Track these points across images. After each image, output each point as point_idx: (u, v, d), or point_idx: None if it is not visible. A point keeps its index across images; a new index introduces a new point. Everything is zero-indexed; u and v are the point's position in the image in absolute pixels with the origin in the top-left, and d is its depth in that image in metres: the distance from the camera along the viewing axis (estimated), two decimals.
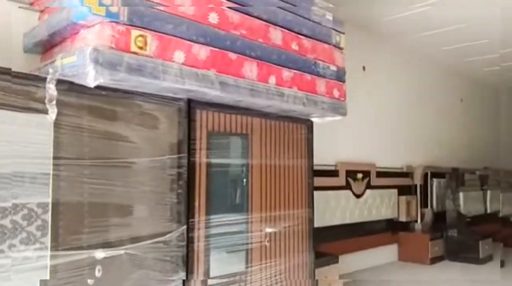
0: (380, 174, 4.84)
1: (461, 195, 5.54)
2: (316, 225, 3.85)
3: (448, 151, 6.33)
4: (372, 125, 4.92)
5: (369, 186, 4.64)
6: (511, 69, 6.33)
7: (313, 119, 3.04)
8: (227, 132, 2.51)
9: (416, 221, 5.37)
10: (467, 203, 5.66)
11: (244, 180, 2.62)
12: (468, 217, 5.50)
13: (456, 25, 4.57)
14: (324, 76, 2.76)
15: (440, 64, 6.11)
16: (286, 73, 2.50)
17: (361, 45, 4.75)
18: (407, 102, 5.56)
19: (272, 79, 2.41)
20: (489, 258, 5.04)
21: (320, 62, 2.72)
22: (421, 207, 5.43)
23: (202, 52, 2.04)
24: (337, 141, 4.41)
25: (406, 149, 5.49)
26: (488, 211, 6.27)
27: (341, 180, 4.28)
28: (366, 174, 4.62)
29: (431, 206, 5.55)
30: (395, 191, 5.03)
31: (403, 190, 5.20)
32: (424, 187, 5.55)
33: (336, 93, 2.85)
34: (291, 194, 3.00)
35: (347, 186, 4.35)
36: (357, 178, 4.47)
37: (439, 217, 5.52)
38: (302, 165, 3.07)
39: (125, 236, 2.00)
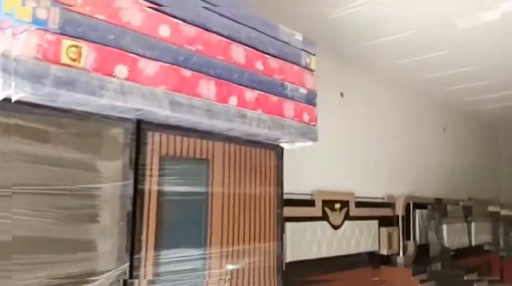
0: (359, 204, 4.62)
1: (444, 227, 5.33)
2: (290, 259, 3.60)
3: (430, 181, 6.17)
4: (351, 153, 4.75)
5: (347, 217, 4.41)
6: (492, 101, 6.29)
7: (282, 144, 2.84)
8: (184, 157, 2.28)
9: (398, 254, 5.13)
10: (451, 235, 5.45)
11: (203, 210, 2.37)
12: (452, 250, 5.28)
13: (439, 52, 4.49)
14: (292, 99, 2.57)
15: (422, 92, 6.03)
16: (250, 94, 2.30)
17: (338, 70, 4.64)
18: (387, 130, 5.42)
19: (233, 100, 2.21)
20: None
21: (288, 83, 2.54)
22: (403, 239, 5.20)
23: (149, 67, 1.83)
24: (313, 169, 4.21)
25: (387, 178, 5.31)
26: (473, 243, 6.06)
27: (317, 210, 4.04)
28: (345, 203, 4.40)
29: (414, 238, 5.31)
30: (375, 222, 4.80)
31: (384, 221, 4.97)
32: (407, 218, 5.34)
33: (306, 117, 2.66)
34: (257, 225, 2.75)
35: (324, 217, 4.11)
36: (335, 208, 4.24)
37: (422, 250, 5.29)
38: (270, 194, 2.84)
39: (52, 275, 1.72)
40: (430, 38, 4.18)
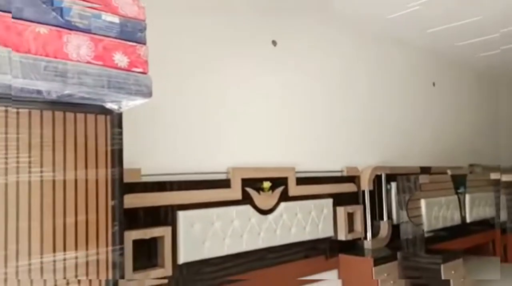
0: (304, 181, 3.68)
1: (422, 202, 4.34)
2: (186, 259, 2.76)
3: (415, 147, 5.13)
4: (293, 117, 3.78)
5: (285, 198, 3.49)
6: (490, 45, 5.11)
7: (109, 105, 1.93)
8: None
9: (366, 238, 4.19)
10: (433, 211, 4.47)
11: None
12: (435, 230, 4.31)
13: None
14: (85, 31, 1.64)
15: (391, 35, 4.91)
16: None
17: (272, 13, 3.63)
18: (351, 85, 4.39)
19: None
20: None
21: (72, 6, 1.61)
22: (372, 219, 4.26)
23: None
24: (234, 141, 3.29)
25: (349, 146, 4.32)
26: (468, 219, 5.03)
27: (234, 192, 3.14)
28: (280, 181, 3.47)
29: (389, 217, 4.36)
30: (329, 201, 3.86)
31: (343, 199, 4.03)
32: (379, 193, 4.38)
33: (121, 60, 1.73)
34: (79, 226, 1.90)
35: (246, 200, 3.21)
36: (263, 187, 3.32)
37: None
38: (100, 178, 1.97)
39: None
40: None
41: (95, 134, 1.97)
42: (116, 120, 2.02)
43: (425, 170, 5.00)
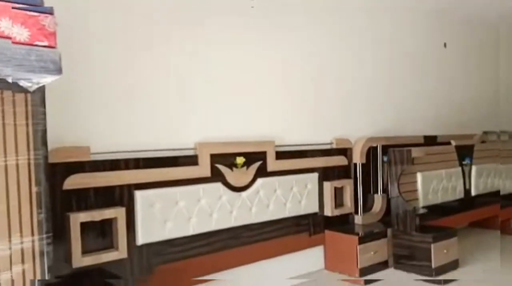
0: (285, 155, 3.46)
1: (418, 176, 4.05)
2: (145, 240, 2.64)
3: (417, 115, 4.78)
4: (274, 85, 3.50)
5: (263, 173, 3.29)
6: None
7: (22, 83, 1.73)
8: None
9: (357, 213, 3.98)
10: (429, 186, 4.17)
11: None
12: (427, 206, 4.03)
13: None
14: None
15: None
16: None
17: None
18: (347, 46, 4.04)
19: None
20: (451, 266, 3.60)
21: None
22: (366, 194, 4.02)
23: None
24: (204, 113, 3.07)
25: (343, 117, 4.02)
26: (473, 192, 4.71)
27: (203, 169, 2.95)
28: (256, 156, 3.26)
29: (384, 192, 4.11)
30: (313, 175, 3.63)
31: (331, 174, 3.79)
32: (374, 166, 4.11)
33: (20, 33, 1.51)
34: (2, 216, 1.78)
35: (217, 177, 3.02)
36: (237, 163, 3.12)
37: None
38: (21, 163, 1.81)
39: None
40: None
41: (13, 114, 1.79)
42: (38, 98, 1.83)
43: (430, 139, 4.67)
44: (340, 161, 3.89)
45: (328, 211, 3.69)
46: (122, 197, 2.57)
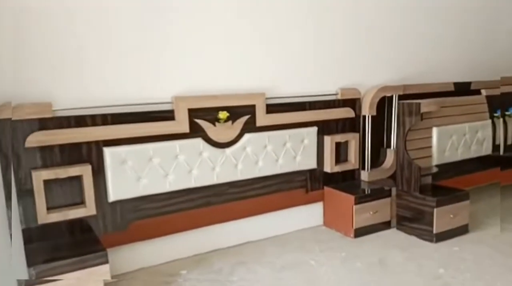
0: (279, 108, 3.21)
1: (434, 131, 3.64)
2: (121, 196, 2.63)
3: (446, 58, 4.21)
4: (266, 28, 3.16)
5: (251, 128, 3.09)
6: None
7: None
8: None
9: (364, 168, 3.73)
10: (447, 142, 3.76)
11: None
12: (441, 164, 3.66)
13: None
14: None
15: None
16: None
17: None
18: None
19: None
20: (455, 233, 3.30)
21: None
22: (373, 148, 3.73)
23: None
24: (184, 64, 2.86)
25: (352, 63, 3.62)
26: (503, 149, 4.21)
27: (180, 124, 2.81)
28: (245, 110, 3.05)
29: (398, 145, 3.78)
30: (312, 129, 3.38)
31: (335, 127, 3.51)
32: (388, 118, 3.77)
33: None
34: None
35: (197, 133, 2.88)
36: (220, 118, 2.94)
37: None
38: None
39: None
40: None
41: None
42: None
43: (463, 86, 4.14)
44: (346, 113, 3.58)
45: (328, 167, 3.48)
46: (90, 154, 2.53)
